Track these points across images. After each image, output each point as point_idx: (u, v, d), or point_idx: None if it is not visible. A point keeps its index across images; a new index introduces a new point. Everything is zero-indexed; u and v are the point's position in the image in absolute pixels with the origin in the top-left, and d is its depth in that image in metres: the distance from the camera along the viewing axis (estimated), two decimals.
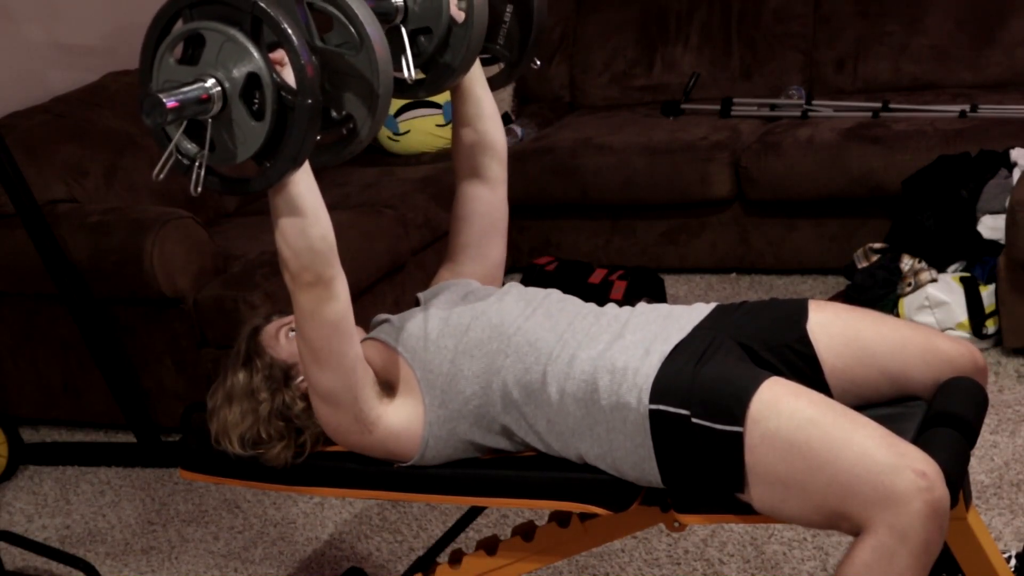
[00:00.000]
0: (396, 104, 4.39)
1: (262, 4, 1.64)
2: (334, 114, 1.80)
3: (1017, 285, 3.26)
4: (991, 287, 3.34)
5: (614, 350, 1.91)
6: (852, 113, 4.07)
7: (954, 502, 1.74)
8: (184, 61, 1.70)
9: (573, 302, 2.09)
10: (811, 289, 3.96)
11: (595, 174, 4.15)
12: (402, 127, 4.39)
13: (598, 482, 1.92)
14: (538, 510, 2.39)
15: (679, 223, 4.16)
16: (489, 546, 2.12)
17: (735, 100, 4.31)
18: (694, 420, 1.79)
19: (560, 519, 2.06)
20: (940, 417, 1.86)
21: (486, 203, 2.23)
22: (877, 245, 3.68)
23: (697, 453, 1.80)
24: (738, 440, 1.76)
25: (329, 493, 2.13)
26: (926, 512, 1.66)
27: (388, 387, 2.01)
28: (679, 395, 1.81)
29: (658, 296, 3.83)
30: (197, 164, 1.72)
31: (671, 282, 4.09)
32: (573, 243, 4.28)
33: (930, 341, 1.96)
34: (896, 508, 1.67)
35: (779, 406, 1.76)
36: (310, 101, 1.66)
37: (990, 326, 3.33)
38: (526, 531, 2.09)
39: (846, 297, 3.58)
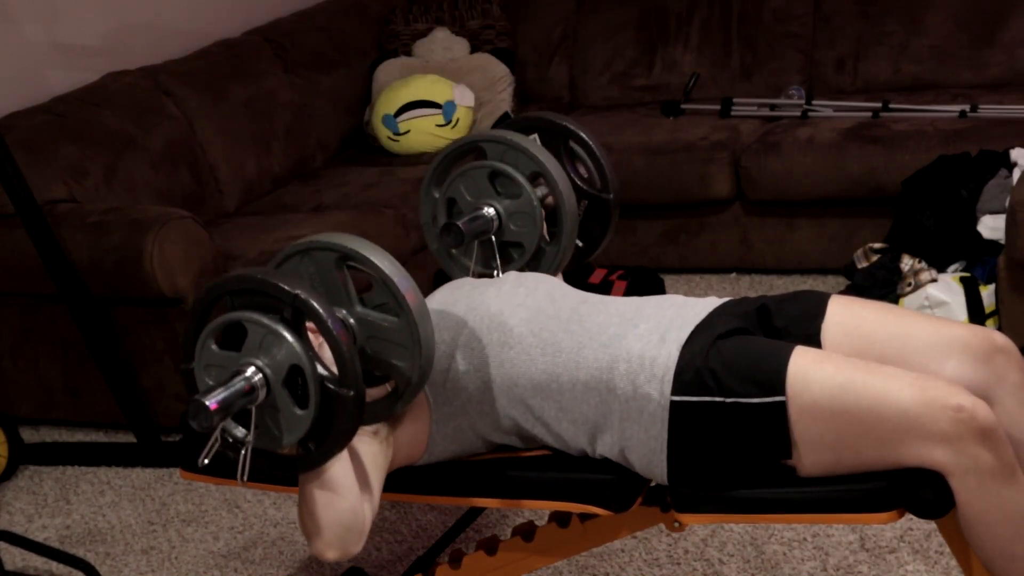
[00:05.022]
0: (396, 104, 4.39)
1: (303, 296, 1.65)
2: (376, 372, 1.81)
3: (1017, 285, 3.26)
4: (991, 287, 3.34)
5: (629, 338, 1.89)
6: (852, 113, 4.07)
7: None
8: (224, 345, 1.71)
9: (572, 290, 2.09)
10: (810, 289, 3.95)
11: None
12: (402, 127, 4.39)
13: (598, 482, 1.92)
14: (538, 510, 2.39)
15: (679, 223, 4.16)
16: (489, 546, 2.12)
17: (735, 100, 4.31)
18: (729, 401, 1.79)
19: (560, 519, 2.06)
20: None
21: None
22: (877, 245, 3.68)
23: (730, 434, 1.80)
24: (782, 409, 1.77)
25: None
26: (979, 438, 1.70)
27: None
28: (703, 382, 1.81)
29: None
30: (243, 451, 1.72)
31: (671, 282, 4.10)
32: None
33: (940, 326, 1.95)
34: (954, 446, 1.71)
35: (808, 377, 1.77)
36: (352, 393, 1.67)
37: (990, 326, 3.33)
38: (526, 531, 2.09)
39: None
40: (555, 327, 1.95)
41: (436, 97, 4.39)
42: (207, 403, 1.62)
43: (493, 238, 2.15)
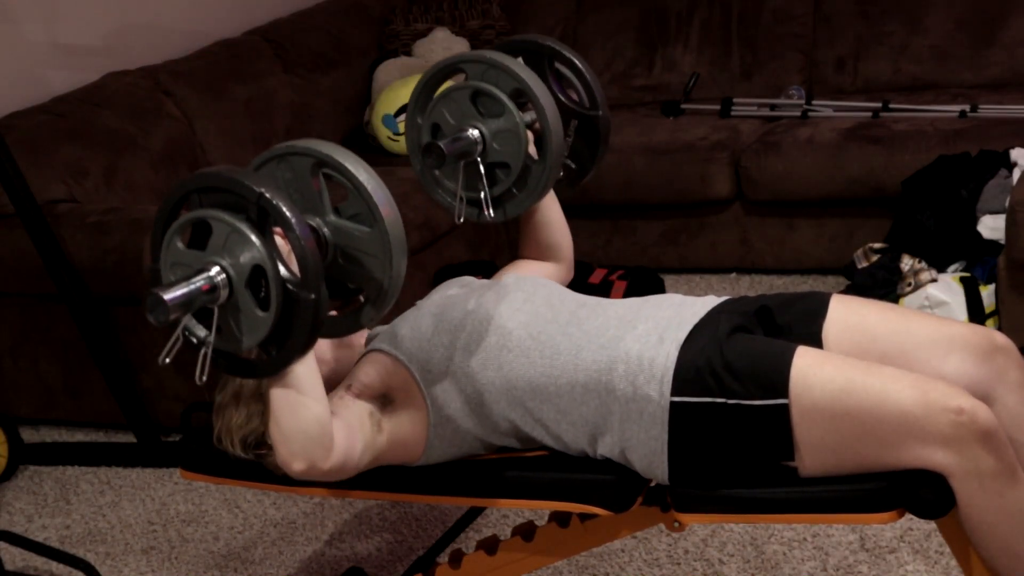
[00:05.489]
0: (396, 104, 4.39)
1: (267, 195, 1.63)
2: (349, 284, 1.79)
3: (1017, 285, 3.26)
4: (991, 287, 3.34)
5: (627, 339, 1.89)
6: (852, 113, 4.07)
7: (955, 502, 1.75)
8: (192, 245, 1.69)
9: (571, 294, 2.09)
10: (811, 289, 3.95)
11: (595, 174, 4.15)
12: (402, 127, 4.38)
13: (598, 482, 1.92)
14: (538, 510, 2.39)
15: (679, 223, 4.16)
16: (489, 546, 2.12)
17: (735, 100, 4.31)
18: (731, 402, 1.79)
19: (560, 519, 2.06)
20: None
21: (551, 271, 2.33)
22: (877, 245, 3.68)
23: (731, 435, 1.80)
24: (784, 411, 1.77)
25: (329, 493, 2.13)
26: (979, 440, 1.70)
27: (389, 398, 1.98)
28: (704, 382, 1.81)
29: None
30: (203, 351, 1.70)
31: (671, 282, 4.10)
32: (573, 243, 4.28)
33: (941, 325, 1.95)
34: (954, 448, 1.71)
35: (809, 379, 1.77)
36: (314, 296, 1.64)
37: (990, 326, 3.33)
38: (526, 531, 2.09)
39: None
40: (553, 330, 1.95)
41: None
42: (164, 297, 1.59)
43: (479, 160, 2.08)
